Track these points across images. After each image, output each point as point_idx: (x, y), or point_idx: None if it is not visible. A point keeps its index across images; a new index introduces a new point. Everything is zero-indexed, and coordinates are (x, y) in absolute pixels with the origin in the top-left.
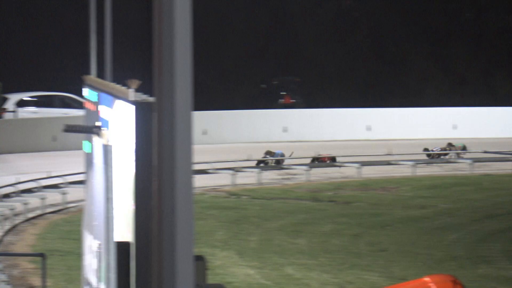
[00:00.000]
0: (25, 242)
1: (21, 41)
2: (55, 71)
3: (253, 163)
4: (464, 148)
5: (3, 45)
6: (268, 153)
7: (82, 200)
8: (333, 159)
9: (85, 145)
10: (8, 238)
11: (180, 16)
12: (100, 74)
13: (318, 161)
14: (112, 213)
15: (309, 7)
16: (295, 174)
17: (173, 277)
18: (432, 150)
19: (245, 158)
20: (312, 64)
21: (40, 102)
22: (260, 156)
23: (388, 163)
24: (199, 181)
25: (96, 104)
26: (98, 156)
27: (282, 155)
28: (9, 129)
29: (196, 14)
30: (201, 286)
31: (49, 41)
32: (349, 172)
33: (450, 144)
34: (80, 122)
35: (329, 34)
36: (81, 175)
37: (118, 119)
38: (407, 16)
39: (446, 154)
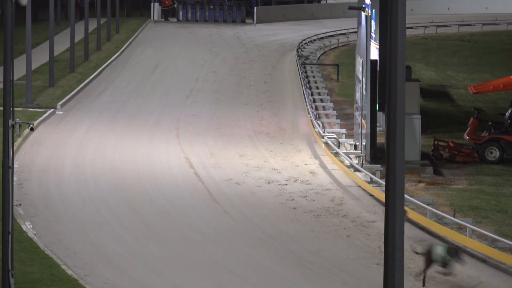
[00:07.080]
0: (329, 59)
1: None
2: None
3: None
4: None
5: None
6: None
7: (355, 40)
8: None
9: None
10: (322, 57)
11: None
12: None
13: None
14: (369, 45)
15: None
16: None
17: (395, 77)
18: None
19: None
20: None
21: None
22: None
23: None
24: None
25: None
26: (363, 20)
27: None
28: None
29: None
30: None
31: None
32: None
33: None
34: (355, 5)
35: None
36: (355, 29)
37: (372, 3)
38: None
39: None
